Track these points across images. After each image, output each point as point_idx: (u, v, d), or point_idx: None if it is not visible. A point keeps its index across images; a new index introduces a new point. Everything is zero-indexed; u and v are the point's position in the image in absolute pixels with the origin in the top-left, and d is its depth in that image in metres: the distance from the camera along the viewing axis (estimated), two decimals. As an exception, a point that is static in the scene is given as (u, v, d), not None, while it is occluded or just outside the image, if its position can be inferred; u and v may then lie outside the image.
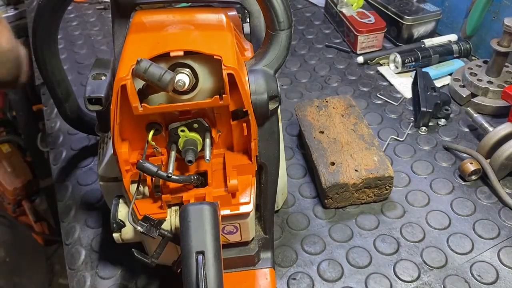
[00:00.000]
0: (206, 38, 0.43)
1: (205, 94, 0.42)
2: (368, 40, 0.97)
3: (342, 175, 0.64)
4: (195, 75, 0.41)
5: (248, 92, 0.42)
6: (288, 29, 0.43)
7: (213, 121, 0.44)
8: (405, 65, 0.91)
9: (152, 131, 0.43)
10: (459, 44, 0.93)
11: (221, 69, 0.40)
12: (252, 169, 0.47)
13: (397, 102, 0.86)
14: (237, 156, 0.47)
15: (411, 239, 0.63)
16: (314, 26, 1.10)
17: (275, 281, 0.56)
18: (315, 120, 0.73)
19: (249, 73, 0.43)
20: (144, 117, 0.42)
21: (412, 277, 0.59)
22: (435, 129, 0.80)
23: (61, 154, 0.80)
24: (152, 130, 0.43)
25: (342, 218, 0.66)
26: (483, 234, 0.63)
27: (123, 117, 0.42)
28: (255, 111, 0.43)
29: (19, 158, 1.62)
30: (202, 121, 0.43)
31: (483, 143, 0.69)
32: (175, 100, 0.42)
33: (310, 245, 0.63)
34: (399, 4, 1.00)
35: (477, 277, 0.58)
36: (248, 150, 0.46)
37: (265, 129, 0.45)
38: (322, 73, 0.95)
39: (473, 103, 0.82)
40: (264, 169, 0.48)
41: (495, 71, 0.82)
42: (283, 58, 0.44)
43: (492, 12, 0.88)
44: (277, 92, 0.43)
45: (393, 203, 0.68)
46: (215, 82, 0.42)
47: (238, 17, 0.58)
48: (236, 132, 0.45)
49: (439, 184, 0.70)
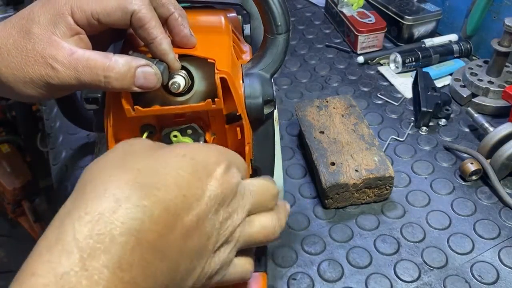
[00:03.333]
0: (202, 41, 0.43)
1: (200, 97, 0.42)
2: (368, 40, 0.97)
3: (343, 175, 0.64)
4: (191, 77, 0.41)
5: (242, 96, 0.42)
6: (285, 33, 0.43)
7: (208, 124, 0.44)
8: (405, 65, 0.91)
9: (146, 133, 0.43)
10: (460, 44, 0.93)
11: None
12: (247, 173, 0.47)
13: (397, 102, 0.86)
14: None
15: (411, 239, 0.63)
16: (314, 26, 1.10)
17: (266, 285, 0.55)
18: (315, 120, 0.73)
19: (245, 77, 0.43)
20: (137, 119, 0.42)
21: (412, 277, 0.58)
22: (435, 129, 0.80)
23: (60, 154, 0.80)
24: (146, 132, 0.43)
25: (342, 218, 0.66)
26: (484, 234, 0.63)
27: (116, 118, 0.41)
28: (249, 115, 0.42)
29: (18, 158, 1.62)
30: (195, 126, 0.43)
31: (483, 143, 0.69)
32: (169, 102, 0.41)
33: (310, 245, 0.63)
34: (399, 4, 0.99)
35: (478, 277, 0.58)
36: (242, 154, 0.46)
37: (260, 133, 0.45)
38: (322, 73, 0.95)
39: (474, 103, 0.82)
40: (258, 172, 0.48)
41: (496, 71, 0.82)
42: (280, 62, 0.44)
43: (492, 12, 0.88)
44: (273, 97, 0.43)
45: (393, 203, 0.68)
46: (210, 85, 0.41)
47: (238, 19, 0.57)
48: (230, 136, 0.45)
49: (440, 184, 0.70)
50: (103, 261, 0.26)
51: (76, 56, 0.37)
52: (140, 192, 0.28)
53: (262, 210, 0.37)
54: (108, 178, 0.29)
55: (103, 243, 0.26)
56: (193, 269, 0.31)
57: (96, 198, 0.28)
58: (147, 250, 0.28)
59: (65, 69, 0.37)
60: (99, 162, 0.31)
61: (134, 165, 0.30)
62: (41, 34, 0.37)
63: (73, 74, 0.37)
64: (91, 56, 0.37)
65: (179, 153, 0.32)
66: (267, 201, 0.37)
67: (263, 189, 0.37)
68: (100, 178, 0.29)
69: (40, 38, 0.37)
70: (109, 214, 0.27)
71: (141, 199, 0.28)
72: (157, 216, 0.28)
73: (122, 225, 0.27)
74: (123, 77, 0.37)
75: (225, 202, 0.32)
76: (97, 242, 0.26)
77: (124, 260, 0.27)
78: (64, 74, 0.37)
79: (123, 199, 0.28)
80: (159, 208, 0.28)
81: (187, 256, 0.30)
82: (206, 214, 0.31)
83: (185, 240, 0.30)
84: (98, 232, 0.26)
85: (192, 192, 0.30)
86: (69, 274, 0.25)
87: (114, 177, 0.29)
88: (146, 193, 0.28)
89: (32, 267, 0.26)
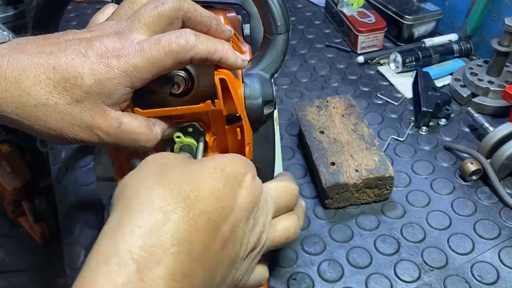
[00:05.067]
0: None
1: (201, 97, 0.42)
2: (368, 40, 0.97)
3: (343, 175, 0.64)
4: (191, 77, 0.41)
5: (242, 97, 0.42)
6: (285, 33, 0.43)
7: (208, 124, 0.44)
8: (405, 65, 0.91)
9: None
10: (460, 44, 0.93)
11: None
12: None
13: (397, 102, 0.86)
14: None
15: (411, 239, 0.63)
16: (314, 25, 1.10)
17: (267, 285, 0.55)
18: (315, 120, 0.73)
19: (244, 77, 0.43)
20: None
21: (412, 278, 0.58)
22: (435, 129, 0.80)
23: (60, 154, 0.80)
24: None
25: (342, 218, 0.66)
26: (484, 234, 0.63)
27: None
28: (249, 115, 0.42)
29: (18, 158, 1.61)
30: (196, 125, 0.43)
31: (483, 143, 0.69)
32: (169, 103, 0.41)
33: (310, 246, 0.63)
34: (399, 3, 0.99)
35: (478, 278, 0.58)
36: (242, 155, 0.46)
37: (260, 133, 0.45)
38: (322, 73, 0.95)
39: (474, 103, 0.82)
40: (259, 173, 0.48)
41: (496, 71, 0.82)
42: (279, 62, 0.44)
43: (492, 12, 0.88)
44: (272, 97, 0.43)
45: (393, 203, 0.68)
46: (210, 86, 0.41)
47: (238, 19, 0.57)
48: (230, 136, 0.45)
49: (440, 184, 0.70)
50: (158, 273, 0.27)
51: (123, 128, 0.37)
52: (184, 204, 0.29)
53: (284, 212, 0.38)
54: (152, 192, 0.30)
55: (156, 255, 0.27)
56: (227, 277, 0.33)
57: (145, 212, 0.29)
58: (195, 260, 0.29)
59: (109, 138, 0.37)
60: (137, 177, 0.32)
61: (173, 179, 0.31)
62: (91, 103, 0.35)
63: (115, 141, 0.37)
64: (136, 129, 0.37)
65: (209, 165, 0.33)
66: (288, 203, 0.38)
67: (284, 191, 0.38)
68: (144, 193, 0.30)
69: (89, 108, 0.35)
70: (159, 226, 0.28)
71: (186, 211, 0.29)
72: (202, 227, 0.30)
73: (172, 237, 0.28)
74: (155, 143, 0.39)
75: (254, 210, 0.34)
76: (151, 254, 0.27)
77: (177, 271, 0.28)
78: (106, 141, 0.37)
79: (170, 211, 0.29)
80: (203, 219, 0.30)
81: (223, 264, 0.32)
82: (239, 223, 0.32)
83: (223, 249, 0.31)
84: (151, 244, 0.28)
85: (228, 202, 0.32)
86: (128, 285, 0.26)
87: (157, 190, 0.30)
88: (189, 205, 0.30)
89: (92, 278, 0.27)
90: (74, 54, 0.34)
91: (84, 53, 0.34)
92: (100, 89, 0.34)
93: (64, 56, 0.34)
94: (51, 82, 0.33)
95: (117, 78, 0.34)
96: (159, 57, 0.35)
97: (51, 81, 0.33)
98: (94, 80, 0.34)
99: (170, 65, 0.35)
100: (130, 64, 0.34)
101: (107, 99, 0.35)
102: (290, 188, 0.39)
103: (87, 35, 0.36)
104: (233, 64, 0.39)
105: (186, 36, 0.35)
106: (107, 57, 0.34)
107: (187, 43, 0.35)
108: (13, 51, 0.34)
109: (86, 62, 0.34)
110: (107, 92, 0.34)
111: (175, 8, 0.37)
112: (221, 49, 0.37)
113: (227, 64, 0.38)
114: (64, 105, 0.34)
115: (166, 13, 0.36)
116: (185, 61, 0.36)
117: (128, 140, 0.37)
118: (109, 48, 0.34)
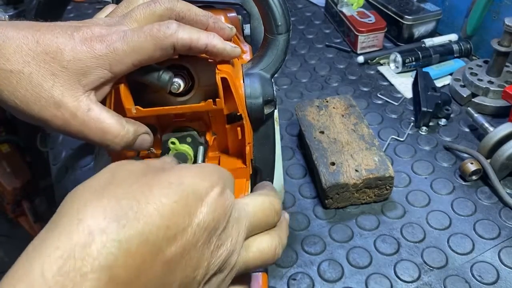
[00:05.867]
0: None
1: (201, 97, 0.42)
2: (368, 40, 0.97)
3: (343, 175, 0.64)
4: (191, 77, 0.41)
5: (243, 96, 0.42)
6: (286, 33, 0.43)
7: (208, 124, 0.44)
8: (405, 65, 0.91)
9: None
10: (460, 44, 0.93)
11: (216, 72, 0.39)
12: (247, 173, 0.47)
13: (397, 102, 0.86)
14: (232, 159, 0.47)
15: (411, 239, 0.63)
16: (314, 25, 1.10)
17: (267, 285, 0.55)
18: (315, 120, 0.73)
19: (245, 77, 0.43)
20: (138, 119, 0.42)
21: (412, 278, 0.58)
22: (435, 129, 0.80)
23: (60, 154, 0.80)
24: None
25: (342, 218, 0.66)
26: (484, 234, 0.63)
27: None
28: (250, 115, 0.42)
29: (18, 158, 1.61)
30: (195, 135, 0.43)
31: (483, 143, 0.69)
32: (170, 102, 0.41)
33: (310, 246, 0.63)
34: (399, 3, 0.99)
35: (478, 277, 0.58)
36: (243, 154, 0.46)
37: (260, 133, 0.45)
38: (322, 73, 0.95)
39: (474, 103, 0.82)
40: (259, 173, 0.48)
41: (496, 71, 0.82)
42: (280, 62, 0.44)
43: (492, 12, 0.88)
44: (273, 97, 0.43)
45: (393, 203, 0.68)
46: (210, 85, 0.41)
47: (238, 18, 0.57)
48: (231, 136, 0.45)
49: (440, 184, 0.70)
50: None
51: (91, 114, 0.35)
52: (117, 224, 0.26)
53: (262, 230, 0.34)
54: (83, 208, 0.26)
55: (73, 281, 0.24)
56: None
57: (68, 231, 0.26)
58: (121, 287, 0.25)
59: (75, 122, 0.35)
60: (83, 187, 0.29)
61: (114, 193, 0.28)
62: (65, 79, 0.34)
63: (80, 129, 0.36)
64: (106, 120, 0.36)
65: (166, 179, 0.29)
66: (266, 220, 0.34)
67: (261, 207, 0.33)
68: (75, 207, 0.27)
69: (61, 83, 0.34)
70: (81, 248, 0.25)
71: (117, 232, 0.26)
72: (135, 250, 0.26)
73: (94, 261, 0.25)
74: (128, 144, 0.38)
75: (219, 229, 0.29)
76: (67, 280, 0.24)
77: None
78: (73, 128, 0.35)
79: (97, 231, 0.25)
80: (137, 242, 0.26)
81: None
82: (193, 244, 0.28)
83: (166, 274, 0.27)
84: (68, 269, 0.24)
85: (176, 221, 0.28)
86: None
87: (89, 206, 0.26)
88: (124, 225, 0.26)
89: None
90: (60, 34, 0.35)
91: (70, 35, 0.35)
92: (78, 66, 0.35)
93: (51, 34, 0.35)
94: (31, 53, 0.34)
95: (96, 58, 0.35)
96: (139, 41, 0.35)
97: (32, 52, 0.34)
98: (73, 56, 0.34)
99: (151, 50, 0.36)
100: (111, 47, 0.35)
101: (83, 78, 0.35)
102: (269, 202, 0.34)
103: (79, 24, 0.37)
104: (222, 51, 0.38)
105: (167, 24, 0.36)
106: (91, 40, 0.35)
107: (168, 28, 0.36)
108: (5, 25, 0.35)
109: (69, 41, 0.35)
110: (84, 70, 0.35)
111: (167, 8, 0.37)
112: (205, 36, 0.37)
113: (215, 52, 0.38)
114: (38, 76, 0.34)
115: (157, 12, 0.37)
116: (166, 47, 0.36)
117: (95, 130, 0.36)
118: (95, 34, 0.35)
